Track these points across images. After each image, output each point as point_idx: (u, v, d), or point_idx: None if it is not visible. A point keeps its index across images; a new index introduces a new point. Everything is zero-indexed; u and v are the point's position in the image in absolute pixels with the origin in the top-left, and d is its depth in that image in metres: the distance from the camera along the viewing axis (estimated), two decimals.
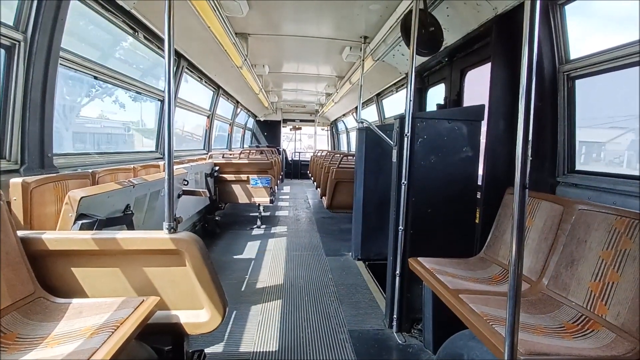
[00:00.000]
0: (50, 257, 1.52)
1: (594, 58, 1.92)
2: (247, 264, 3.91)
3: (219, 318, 1.60)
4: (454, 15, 2.91)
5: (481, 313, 1.51)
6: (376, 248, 3.99)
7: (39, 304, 1.42)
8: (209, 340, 2.31)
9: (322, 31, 4.22)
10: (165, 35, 1.46)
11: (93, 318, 1.34)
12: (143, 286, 1.58)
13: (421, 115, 2.46)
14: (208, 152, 6.55)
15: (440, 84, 3.89)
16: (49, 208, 1.91)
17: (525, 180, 1.10)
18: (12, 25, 1.91)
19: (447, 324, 1.96)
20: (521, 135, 1.10)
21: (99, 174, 2.42)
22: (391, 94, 6.31)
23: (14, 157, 1.99)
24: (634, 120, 2.04)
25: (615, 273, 1.46)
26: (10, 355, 1.16)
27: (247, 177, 5.37)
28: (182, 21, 3.21)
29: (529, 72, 1.08)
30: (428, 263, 2.14)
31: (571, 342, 1.37)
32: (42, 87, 2.06)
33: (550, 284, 1.75)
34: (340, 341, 2.39)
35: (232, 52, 4.12)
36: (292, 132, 14.47)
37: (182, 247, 1.52)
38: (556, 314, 1.58)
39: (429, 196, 2.43)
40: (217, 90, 6.44)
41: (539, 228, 1.96)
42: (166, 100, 1.50)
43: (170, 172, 1.51)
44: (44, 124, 2.10)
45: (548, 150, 2.21)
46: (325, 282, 3.44)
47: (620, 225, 1.52)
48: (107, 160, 3.04)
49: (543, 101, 2.19)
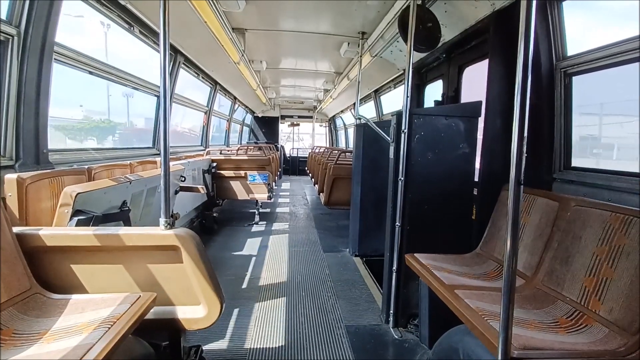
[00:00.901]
0: (46, 253, 1.52)
1: (592, 54, 1.92)
2: (245, 260, 3.91)
3: (216, 314, 1.61)
4: (451, 11, 2.90)
5: (476, 308, 1.52)
6: (373, 244, 4.00)
7: (36, 300, 1.42)
8: (206, 336, 2.32)
9: (319, 27, 4.20)
10: (161, 30, 1.45)
11: (90, 314, 1.34)
12: (140, 282, 1.58)
13: (418, 111, 2.46)
14: (205, 148, 6.53)
15: (438, 80, 3.88)
16: (45, 204, 1.90)
17: (521, 177, 1.10)
18: (5, 19, 1.89)
19: (443, 319, 1.98)
20: (517, 131, 1.11)
21: (95, 170, 2.41)
22: (389, 91, 6.29)
23: (9, 153, 1.98)
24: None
25: (610, 269, 1.48)
26: (8, 350, 1.16)
27: (245, 174, 5.36)
28: (178, 16, 3.18)
29: (525, 69, 1.08)
30: (424, 259, 2.15)
31: (565, 336, 1.39)
32: (36, 82, 2.04)
33: (545, 279, 1.76)
34: (337, 336, 2.41)
35: (229, 48, 4.09)
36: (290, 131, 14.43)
37: (179, 243, 1.52)
38: (550, 309, 1.60)
39: (426, 193, 2.43)
40: (215, 86, 6.41)
41: (534, 224, 1.97)
42: (161, 95, 1.49)
43: (167, 168, 1.50)
44: (39, 119, 2.09)
45: (544, 147, 2.22)
46: (322, 278, 3.46)
47: (615, 222, 1.53)
48: (103, 156, 3.02)
49: (540, 98, 2.19)
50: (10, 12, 1.91)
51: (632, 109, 1.92)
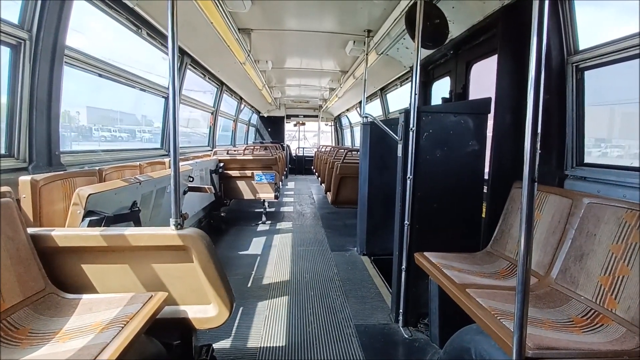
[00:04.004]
0: (59, 253, 1.54)
1: (605, 48, 1.88)
2: (253, 259, 3.93)
3: (227, 313, 1.62)
4: (459, 6, 2.87)
5: (489, 307, 1.50)
6: (381, 243, 3.98)
7: (50, 299, 1.44)
8: (216, 335, 2.33)
9: (325, 25, 4.18)
10: (169, 32, 1.46)
11: (103, 313, 1.36)
12: (151, 282, 1.60)
13: (427, 109, 2.43)
14: (212, 148, 6.57)
15: (446, 77, 3.84)
16: (58, 205, 1.93)
17: (534, 174, 1.08)
18: (17, 23, 1.92)
19: (453, 319, 1.96)
20: (530, 128, 1.09)
21: (106, 171, 2.44)
22: (395, 89, 6.25)
23: (22, 156, 2.02)
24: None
25: (626, 267, 1.44)
26: (24, 349, 1.18)
27: (252, 173, 5.39)
28: (184, 17, 3.20)
29: (538, 64, 1.06)
30: (434, 258, 2.13)
31: (580, 336, 1.36)
32: (48, 85, 2.07)
33: (559, 278, 1.73)
34: (347, 336, 2.40)
35: (235, 48, 4.10)
36: (295, 130, 14.43)
37: (189, 243, 1.53)
38: (565, 308, 1.57)
39: (435, 191, 2.41)
40: (221, 87, 6.44)
41: (547, 222, 1.94)
42: (170, 97, 1.50)
43: (176, 169, 1.51)
44: (51, 122, 2.12)
45: (556, 143, 2.18)
46: (330, 277, 3.45)
47: (631, 219, 1.50)
48: (113, 157, 3.06)
49: (550, 93, 2.15)
50: (22, 17, 1.94)
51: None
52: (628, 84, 1.93)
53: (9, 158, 1.97)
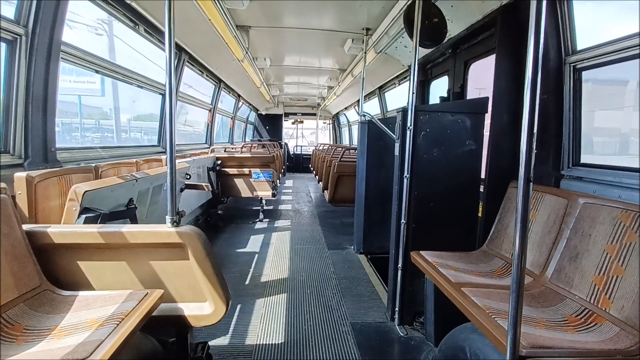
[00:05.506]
0: (55, 250, 1.54)
1: (603, 48, 1.88)
2: (250, 257, 3.93)
3: (222, 310, 1.62)
4: (457, 5, 2.86)
5: (483, 306, 1.51)
6: (378, 242, 3.99)
7: (45, 296, 1.44)
8: (212, 332, 2.34)
9: (323, 23, 4.17)
10: (166, 28, 1.45)
11: (98, 310, 1.36)
12: (147, 279, 1.59)
13: (424, 108, 2.43)
14: (210, 146, 6.55)
15: (444, 76, 3.84)
16: (53, 202, 1.92)
17: (530, 174, 1.09)
18: (13, 19, 1.90)
19: (448, 317, 1.97)
20: (526, 127, 1.09)
21: (102, 168, 2.43)
22: (393, 87, 6.25)
23: (18, 152, 2.00)
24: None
25: (620, 267, 1.45)
26: (19, 345, 1.18)
27: (249, 171, 5.38)
28: (182, 14, 3.18)
29: (535, 64, 1.06)
30: (430, 256, 2.14)
31: (574, 335, 1.37)
32: (44, 81, 2.06)
33: (554, 277, 1.75)
34: (343, 334, 2.41)
35: (233, 45, 4.08)
36: (293, 128, 14.41)
37: (185, 241, 1.53)
38: (559, 308, 1.58)
39: (432, 190, 2.42)
40: (219, 84, 6.42)
41: (542, 221, 1.95)
42: (167, 94, 1.49)
43: (173, 166, 1.51)
44: (47, 118, 2.11)
45: (552, 143, 2.19)
46: (327, 275, 3.46)
47: (626, 219, 1.51)
48: (109, 154, 3.05)
49: (548, 93, 2.16)
50: (18, 12, 1.92)
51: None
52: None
53: (4, 154, 1.96)
